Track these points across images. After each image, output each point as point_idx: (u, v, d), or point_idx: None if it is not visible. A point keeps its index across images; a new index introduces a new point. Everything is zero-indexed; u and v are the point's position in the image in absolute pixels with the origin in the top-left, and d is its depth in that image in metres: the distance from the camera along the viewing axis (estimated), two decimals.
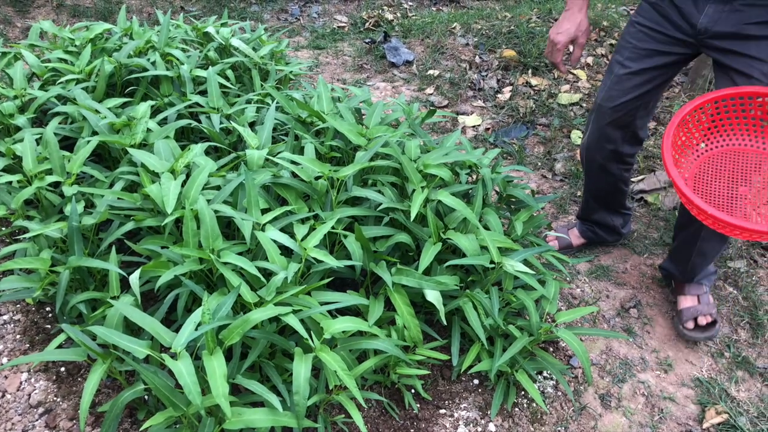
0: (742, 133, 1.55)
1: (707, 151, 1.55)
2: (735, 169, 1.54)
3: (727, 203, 1.51)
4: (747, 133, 1.55)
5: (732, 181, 1.51)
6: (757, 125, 1.53)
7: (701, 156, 1.55)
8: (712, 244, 1.92)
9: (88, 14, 4.38)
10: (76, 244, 1.58)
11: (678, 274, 2.11)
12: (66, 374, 1.71)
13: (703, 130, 1.54)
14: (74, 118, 2.07)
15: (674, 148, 1.47)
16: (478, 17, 4.67)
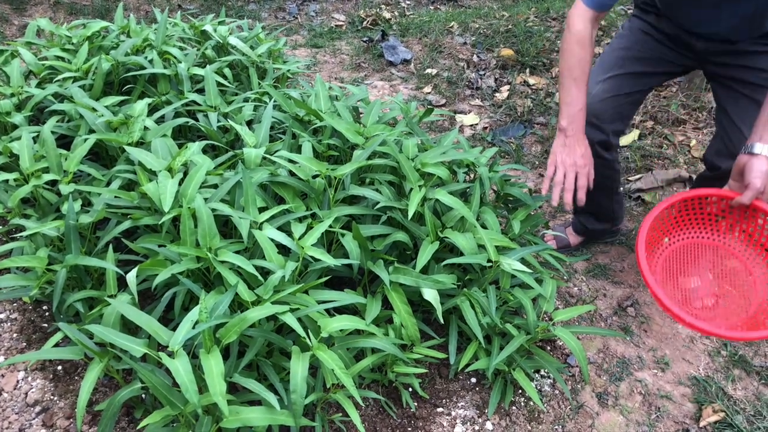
0: (699, 228, 1.70)
1: (670, 245, 1.69)
2: (693, 261, 1.67)
3: (683, 295, 1.64)
4: (704, 228, 1.70)
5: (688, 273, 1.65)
6: (712, 221, 1.69)
7: (665, 250, 1.68)
8: None
9: (86, 12, 4.38)
10: (73, 242, 1.58)
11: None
12: (63, 373, 1.71)
13: (668, 226, 1.68)
14: (71, 116, 2.07)
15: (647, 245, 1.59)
16: (476, 16, 4.67)
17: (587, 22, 1.72)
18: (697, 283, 1.62)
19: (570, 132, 1.73)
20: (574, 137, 1.73)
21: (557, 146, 1.75)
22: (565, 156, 1.73)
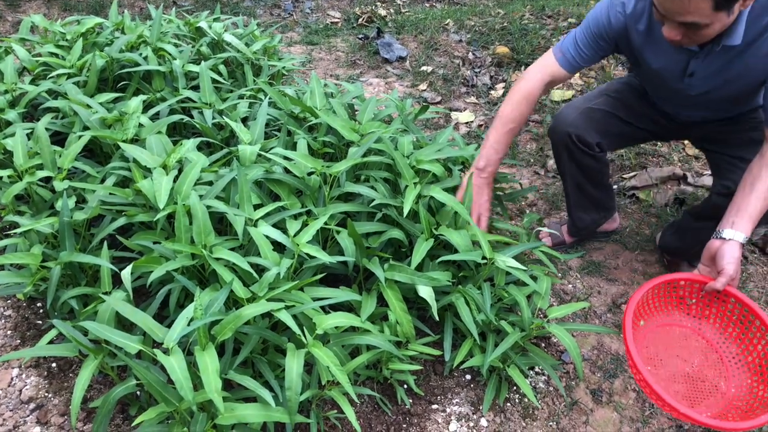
0: (670, 310, 1.71)
1: (645, 326, 1.69)
2: (666, 343, 1.68)
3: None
4: (675, 310, 1.71)
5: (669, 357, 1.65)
6: (684, 303, 1.70)
7: (642, 332, 1.68)
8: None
9: (80, 8, 4.36)
10: (67, 239, 1.58)
11: (683, 254, 2.20)
12: (57, 370, 1.71)
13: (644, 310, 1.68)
14: (65, 113, 2.06)
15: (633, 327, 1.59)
16: (472, 14, 4.67)
17: (543, 82, 1.85)
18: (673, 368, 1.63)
19: (484, 174, 1.86)
20: (486, 180, 1.87)
21: (471, 183, 1.85)
22: (476, 196, 1.86)
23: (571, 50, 1.82)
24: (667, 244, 2.27)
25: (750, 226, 1.54)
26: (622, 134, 2.06)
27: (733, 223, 1.55)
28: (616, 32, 1.76)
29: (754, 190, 1.56)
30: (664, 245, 2.30)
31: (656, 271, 2.33)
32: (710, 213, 1.91)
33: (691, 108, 1.92)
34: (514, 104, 1.85)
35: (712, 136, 1.98)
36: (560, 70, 1.85)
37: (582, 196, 2.18)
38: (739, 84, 1.71)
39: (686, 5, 1.38)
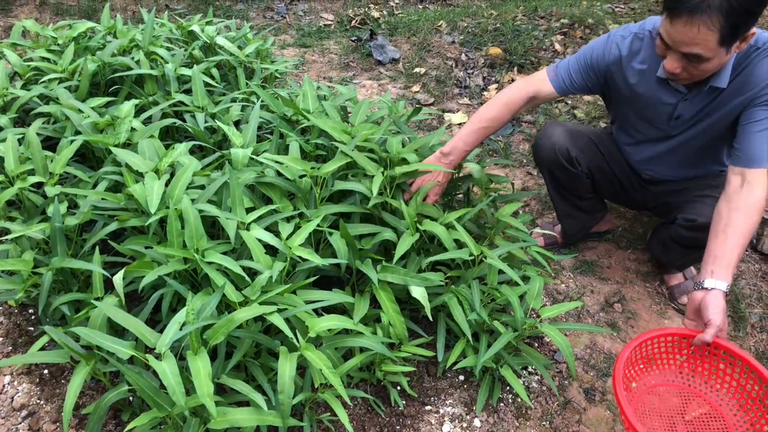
0: (663, 370, 1.65)
1: (639, 389, 1.63)
2: (667, 406, 1.61)
3: None
4: (667, 369, 1.65)
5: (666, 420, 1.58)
6: (674, 361, 1.64)
7: (635, 396, 1.62)
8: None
9: (72, 12, 4.35)
10: (59, 245, 1.58)
11: (670, 264, 2.21)
12: (49, 376, 1.70)
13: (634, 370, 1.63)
14: (57, 117, 2.06)
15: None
16: (464, 15, 4.68)
17: (527, 95, 1.90)
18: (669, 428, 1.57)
19: (445, 160, 1.90)
20: (448, 166, 1.91)
21: (434, 161, 1.92)
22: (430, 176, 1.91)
23: (563, 73, 1.88)
24: (653, 253, 2.30)
25: (730, 273, 1.54)
26: (600, 168, 2.10)
27: (712, 272, 1.54)
28: (607, 66, 1.83)
29: (728, 237, 1.57)
30: (651, 253, 2.34)
31: (648, 270, 2.34)
32: (681, 242, 1.98)
33: (658, 163, 2.02)
34: (493, 106, 1.91)
35: (673, 188, 2.06)
36: (549, 87, 1.90)
37: (570, 206, 2.21)
38: (719, 127, 1.78)
39: (694, 36, 1.43)
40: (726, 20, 1.38)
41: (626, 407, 1.38)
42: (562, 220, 2.30)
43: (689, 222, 1.87)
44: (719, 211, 1.64)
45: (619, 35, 1.80)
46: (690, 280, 2.19)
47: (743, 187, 1.63)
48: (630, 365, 1.61)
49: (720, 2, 1.36)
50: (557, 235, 2.39)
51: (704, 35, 1.41)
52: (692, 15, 1.39)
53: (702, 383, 1.62)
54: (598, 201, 2.26)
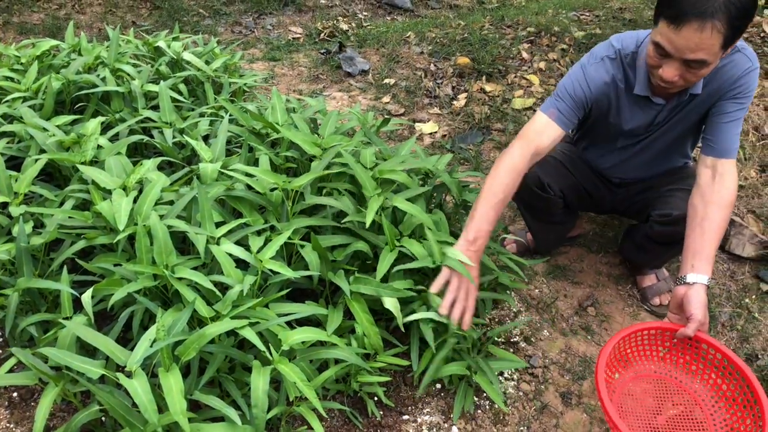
0: (646, 361, 1.71)
1: (622, 381, 1.68)
2: (649, 397, 1.66)
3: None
4: (650, 360, 1.71)
5: (648, 410, 1.63)
6: (657, 354, 1.69)
7: (618, 387, 1.66)
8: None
9: (36, 31, 4.30)
10: (25, 265, 1.55)
11: (645, 265, 2.24)
12: (19, 399, 1.67)
13: (618, 362, 1.68)
14: (21, 136, 2.03)
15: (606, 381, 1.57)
16: (432, 26, 4.72)
17: (527, 156, 1.77)
18: (651, 420, 1.61)
19: (474, 247, 1.70)
20: (477, 255, 1.70)
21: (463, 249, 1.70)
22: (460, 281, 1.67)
23: (564, 114, 1.81)
24: (627, 256, 2.32)
25: (709, 267, 1.58)
26: (571, 186, 2.10)
27: (693, 267, 1.59)
28: (592, 98, 1.81)
29: (705, 231, 1.62)
30: (624, 254, 2.35)
31: (620, 273, 2.37)
32: (658, 239, 2.00)
33: (628, 166, 2.05)
34: (501, 176, 1.75)
35: (641, 188, 2.09)
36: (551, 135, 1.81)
37: (543, 223, 2.22)
38: (689, 121, 1.82)
39: (703, 41, 1.43)
40: (729, 23, 1.40)
41: (608, 405, 1.42)
42: (535, 235, 2.32)
43: (664, 216, 1.89)
44: (694, 205, 1.68)
45: (592, 64, 1.79)
46: (663, 281, 2.22)
47: (715, 180, 1.68)
48: (614, 359, 1.65)
49: (725, 5, 1.37)
50: (530, 242, 2.40)
51: (712, 39, 1.42)
52: (704, 20, 1.39)
53: (683, 375, 1.67)
54: (570, 212, 2.28)
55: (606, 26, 4.57)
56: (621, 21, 4.73)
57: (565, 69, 3.90)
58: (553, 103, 1.82)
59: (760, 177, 2.85)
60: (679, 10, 1.41)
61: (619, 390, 1.66)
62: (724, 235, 1.67)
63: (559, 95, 1.81)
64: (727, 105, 1.69)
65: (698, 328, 1.55)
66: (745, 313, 2.18)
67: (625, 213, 2.25)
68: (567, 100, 1.80)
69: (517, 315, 2.15)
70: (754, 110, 3.28)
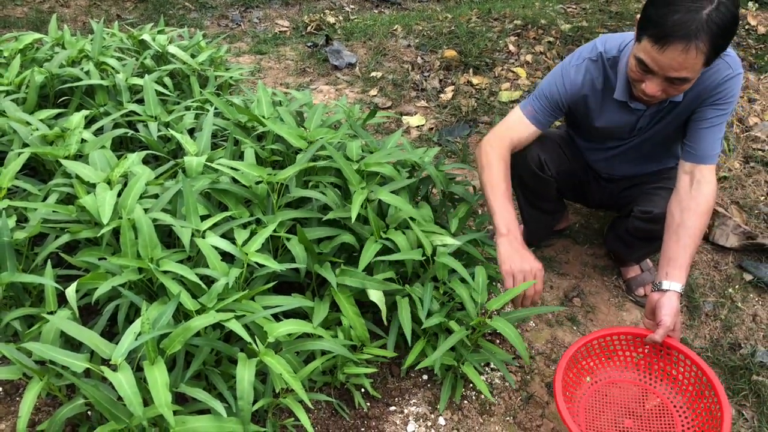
0: (618, 366, 1.76)
1: (593, 384, 1.74)
2: (619, 401, 1.71)
3: None
4: (623, 366, 1.76)
5: (617, 414, 1.68)
6: (630, 359, 1.75)
7: (589, 389, 1.73)
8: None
9: (19, 25, 4.26)
10: (8, 259, 1.54)
11: (628, 257, 2.26)
12: (3, 394, 1.66)
13: (589, 365, 1.74)
14: (4, 130, 2.01)
15: (565, 387, 1.62)
16: (419, 19, 4.72)
17: (505, 147, 1.83)
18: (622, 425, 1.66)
19: (512, 236, 1.68)
20: (518, 241, 1.68)
21: (507, 252, 1.66)
22: (520, 263, 1.64)
23: (539, 115, 1.85)
24: (611, 247, 2.35)
25: (684, 274, 1.62)
26: (566, 170, 2.11)
27: (667, 274, 1.63)
28: (568, 100, 1.83)
29: (680, 238, 1.65)
30: (609, 247, 2.38)
31: (605, 264, 2.38)
32: (638, 235, 2.02)
33: (615, 163, 2.07)
34: (495, 170, 1.78)
35: (629, 184, 2.11)
36: (529, 130, 1.87)
37: (536, 210, 2.23)
38: (674, 125, 1.84)
39: (684, 61, 1.44)
40: (712, 42, 1.41)
41: (563, 409, 1.48)
42: (527, 224, 2.33)
43: (645, 213, 1.91)
44: (671, 211, 1.70)
45: (573, 65, 1.80)
46: (647, 272, 2.25)
47: (693, 187, 1.70)
48: (583, 359, 1.71)
49: (708, 26, 1.39)
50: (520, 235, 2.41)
51: (696, 59, 1.44)
52: (689, 42, 1.40)
53: (656, 380, 1.72)
54: (559, 201, 2.31)
55: (592, 19, 4.59)
56: (607, 14, 4.74)
57: (552, 62, 3.92)
58: (531, 101, 1.86)
59: (743, 168, 2.88)
60: (664, 31, 1.42)
61: (590, 393, 1.71)
62: (700, 241, 1.70)
63: (537, 94, 1.85)
64: (707, 111, 1.70)
65: (666, 333, 1.60)
66: (728, 302, 2.21)
67: (611, 207, 2.27)
68: (543, 100, 1.84)
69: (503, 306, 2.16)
70: (739, 102, 3.30)
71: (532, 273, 1.64)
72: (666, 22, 1.42)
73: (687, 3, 1.40)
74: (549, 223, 2.36)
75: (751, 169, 2.87)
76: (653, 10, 1.45)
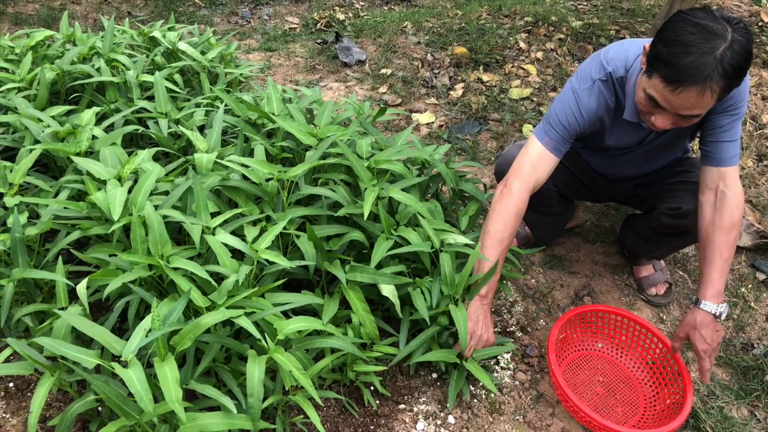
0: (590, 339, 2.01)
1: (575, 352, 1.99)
2: (592, 370, 1.95)
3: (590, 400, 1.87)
4: (593, 339, 2.01)
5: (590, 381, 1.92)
6: (600, 333, 2.00)
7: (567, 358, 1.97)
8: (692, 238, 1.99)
9: (31, 22, 4.28)
10: (20, 255, 1.55)
11: (644, 254, 2.24)
12: (15, 390, 1.67)
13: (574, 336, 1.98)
14: (16, 127, 2.02)
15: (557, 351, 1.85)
16: (429, 15, 4.70)
17: (527, 190, 1.77)
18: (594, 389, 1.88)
19: (486, 301, 1.75)
20: (488, 307, 1.77)
21: (476, 315, 1.74)
22: (482, 331, 1.74)
23: (560, 146, 1.80)
24: (628, 244, 2.28)
25: (720, 298, 1.69)
26: (565, 179, 2.09)
27: (705, 295, 1.69)
28: (584, 126, 1.78)
29: (716, 260, 1.69)
30: (625, 243, 2.32)
31: (616, 262, 2.37)
32: (666, 231, 1.98)
33: (622, 167, 2.03)
34: (504, 222, 1.74)
35: (641, 182, 2.07)
36: (547, 165, 1.80)
37: (540, 215, 2.20)
38: (687, 132, 1.83)
39: (699, 102, 1.43)
40: (727, 84, 1.40)
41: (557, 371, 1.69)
42: (534, 229, 2.32)
43: (674, 210, 1.88)
44: (704, 230, 1.73)
45: (584, 89, 1.74)
46: (659, 271, 2.23)
47: (717, 199, 1.71)
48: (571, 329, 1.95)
49: (723, 68, 1.36)
50: (529, 234, 2.40)
51: (710, 100, 1.42)
52: (704, 86, 1.38)
53: (621, 353, 1.97)
54: (567, 203, 2.27)
55: (603, 16, 4.56)
56: (619, 11, 4.71)
57: (563, 59, 3.89)
58: (547, 132, 1.79)
59: (757, 167, 2.85)
60: (677, 74, 1.39)
61: (565, 363, 1.93)
62: (734, 251, 1.72)
63: (552, 124, 1.78)
64: (721, 119, 1.68)
65: (708, 358, 1.67)
66: (741, 302, 2.19)
67: (625, 203, 2.24)
68: (560, 129, 1.77)
69: (513, 305, 2.15)
70: (752, 100, 3.27)
71: (482, 342, 1.75)
72: (679, 64, 1.38)
73: (700, 43, 1.36)
74: (557, 224, 2.34)
75: (764, 168, 2.84)
76: (664, 48, 1.41)
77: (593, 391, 1.86)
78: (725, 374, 1.93)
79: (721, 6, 4.72)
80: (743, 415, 1.81)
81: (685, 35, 1.38)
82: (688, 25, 1.39)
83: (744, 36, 1.38)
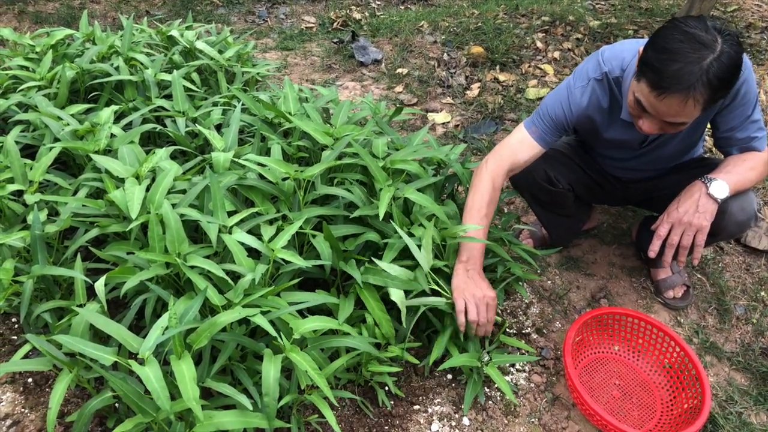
0: (605, 342, 1.99)
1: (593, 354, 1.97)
2: (608, 373, 1.93)
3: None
4: (610, 342, 2.00)
5: (608, 385, 1.90)
6: (616, 335, 1.99)
7: (582, 361, 1.94)
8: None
9: (51, 20, 4.32)
10: (39, 252, 1.56)
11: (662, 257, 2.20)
12: (33, 385, 1.69)
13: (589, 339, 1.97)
14: (36, 125, 2.04)
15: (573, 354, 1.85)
16: (446, 15, 4.69)
17: (501, 169, 1.81)
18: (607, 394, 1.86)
19: (471, 264, 1.71)
20: (475, 269, 1.71)
21: (461, 278, 1.69)
22: (473, 289, 1.67)
23: (546, 136, 1.82)
24: (644, 246, 2.23)
25: (724, 176, 1.65)
26: (579, 179, 2.07)
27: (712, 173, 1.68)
28: (574, 120, 1.80)
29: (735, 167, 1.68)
30: (641, 246, 2.30)
31: (633, 265, 2.35)
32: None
33: (633, 169, 2.02)
34: (482, 192, 1.78)
35: (655, 184, 2.06)
36: (530, 150, 1.83)
37: (555, 216, 2.18)
38: (693, 130, 1.81)
39: (682, 110, 1.43)
40: (711, 95, 1.39)
41: (574, 376, 1.67)
42: (550, 231, 2.30)
43: None
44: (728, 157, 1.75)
45: (578, 87, 1.76)
46: (677, 274, 2.20)
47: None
48: (586, 332, 1.93)
49: (708, 79, 1.35)
50: (545, 235, 2.38)
51: (694, 109, 1.42)
52: (687, 94, 1.38)
53: (638, 357, 1.95)
54: (582, 204, 2.25)
55: (621, 15, 4.52)
56: (637, 10, 4.67)
57: (580, 59, 3.87)
58: (534, 122, 1.83)
59: None
60: (662, 81, 1.40)
61: (581, 366, 1.91)
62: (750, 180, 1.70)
63: (541, 115, 1.82)
64: (731, 117, 1.67)
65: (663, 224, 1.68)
66: (760, 306, 2.16)
67: (641, 205, 2.22)
68: (547, 120, 1.80)
69: (529, 306, 2.14)
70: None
71: (484, 300, 1.65)
72: (665, 71, 1.38)
73: (687, 52, 1.36)
74: (572, 226, 2.32)
75: None
76: (653, 54, 1.42)
77: (609, 394, 1.84)
78: (744, 379, 1.91)
79: (741, 7, 4.67)
80: (762, 421, 1.79)
81: (674, 43, 1.38)
82: (678, 33, 1.39)
83: (734, 48, 1.37)
